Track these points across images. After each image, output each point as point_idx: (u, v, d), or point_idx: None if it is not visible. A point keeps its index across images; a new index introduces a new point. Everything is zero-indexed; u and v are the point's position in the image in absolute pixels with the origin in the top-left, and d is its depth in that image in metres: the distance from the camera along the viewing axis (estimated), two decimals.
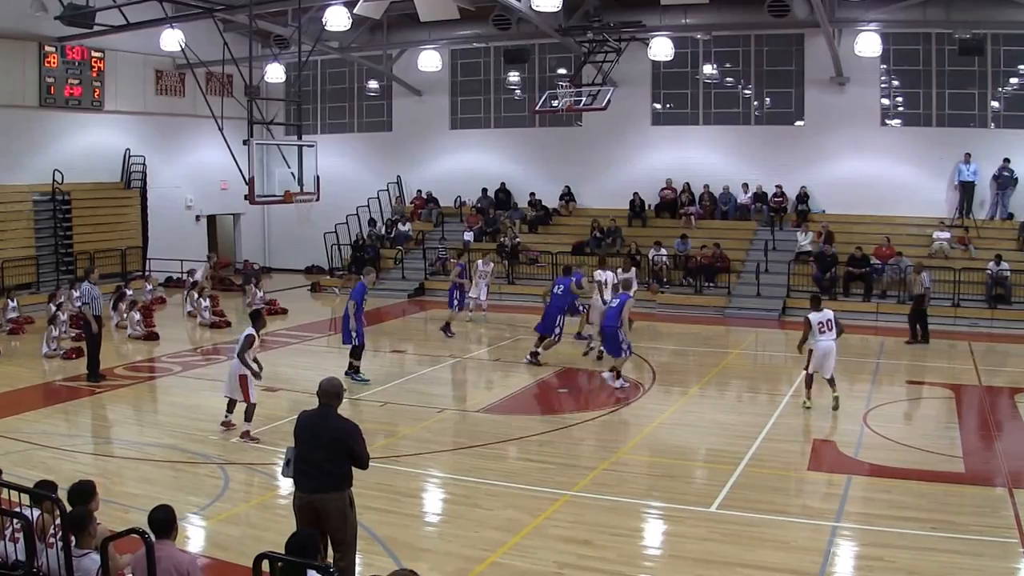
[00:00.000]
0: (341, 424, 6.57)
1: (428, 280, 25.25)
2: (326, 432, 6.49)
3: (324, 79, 30.33)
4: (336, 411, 6.64)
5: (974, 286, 20.34)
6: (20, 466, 9.14)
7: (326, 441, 6.45)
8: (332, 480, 6.41)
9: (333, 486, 6.41)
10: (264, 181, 16.44)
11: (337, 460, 6.43)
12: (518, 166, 27.61)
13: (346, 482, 6.48)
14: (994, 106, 22.55)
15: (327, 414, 6.60)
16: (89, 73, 24.61)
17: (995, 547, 7.87)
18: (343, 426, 6.56)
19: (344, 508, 6.41)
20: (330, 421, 6.56)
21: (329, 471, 6.41)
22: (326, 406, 6.63)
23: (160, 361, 16.45)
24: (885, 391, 14.09)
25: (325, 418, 6.58)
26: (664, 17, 23.03)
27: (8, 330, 18.68)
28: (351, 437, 6.48)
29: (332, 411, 6.62)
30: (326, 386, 6.68)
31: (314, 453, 6.44)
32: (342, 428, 6.54)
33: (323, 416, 6.59)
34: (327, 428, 6.51)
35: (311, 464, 6.43)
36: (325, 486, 6.39)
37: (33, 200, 23.50)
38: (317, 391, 6.68)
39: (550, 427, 11.80)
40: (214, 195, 28.11)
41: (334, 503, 6.37)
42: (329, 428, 6.52)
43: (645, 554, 8.10)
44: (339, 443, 6.44)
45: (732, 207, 24.84)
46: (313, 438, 6.51)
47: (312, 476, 6.42)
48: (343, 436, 6.47)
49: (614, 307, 13.92)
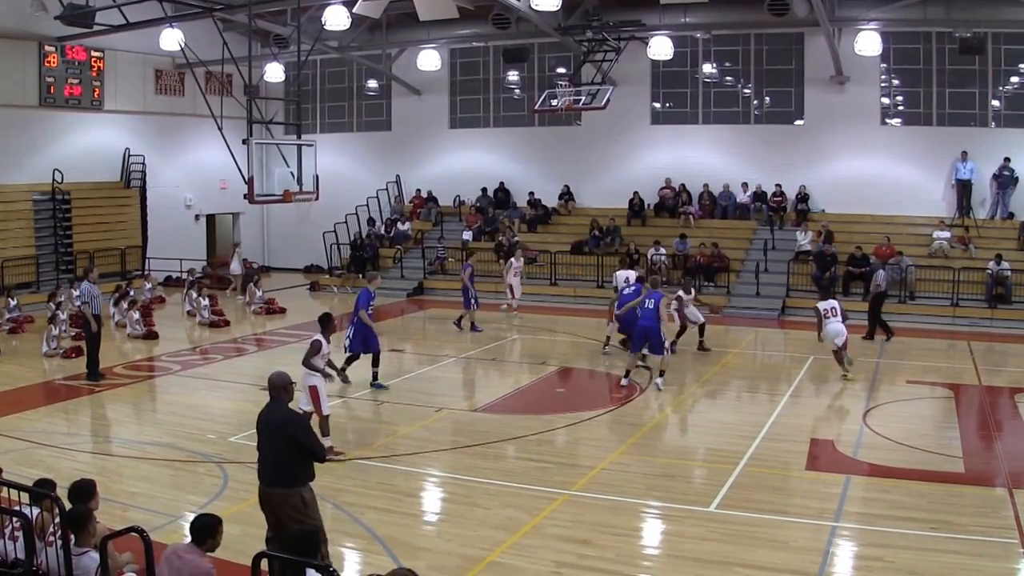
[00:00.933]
0: (290, 417, 6.68)
1: (427, 279, 25.25)
2: (277, 424, 6.63)
3: (323, 78, 30.33)
4: (285, 404, 6.75)
5: (974, 286, 20.33)
6: (20, 464, 9.13)
7: (276, 434, 6.59)
8: (281, 475, 6.53)
9: (282, 481, 6.51)
10: (263, 180, 16.42)
11: (286, 452, 6.53)
12: (517, 165, 27.61)
13: (299, 479, 6.53)
14: (994, 105, 22.55)
15: (275, 407, 6.73)
16: (89, 73, 24.61)
17: (995, 547, 7.86)
18: (289, 418, 6.67)
19: (297, 504, 6.44)
20: (277, 414, 6.68)
21: (280, 464, 6.54)
22: (275, 400, 6.75)
23: (159, 360, 16.45)
24: (885, 391, 14.07)
25: (274, 411, 6.71)
26: (663, 16, 23.02)
27: (8, 329, 18.68)
28: (297, 429, 6.58)
29: (281, 404, 6.73)
30: (273, 379, 6.81)
31: (267, 446, 6.63)
32: (287, 420, 6.64)
33: (272, 409, 6.73)
34: (275, 421, 6.65)
35: (266, 456, 6.63)
36: (276, 480, 6.53)
37: (33, 199, 23.52)
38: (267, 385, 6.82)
39: (549, 426, 11.79)
40: (213, 194, 28.11)
41: (284, 499, 6.46)
42: (276, 421, 6.64)
43: (644, 554, 8.10)
44: (286, 435, 6.54)
45: (732, 206, 24.83)
46: (265, 431, 6.69)
47: (267, 469, 6.61)
48: (289, 428, 6.58)
49: (650, 307, 13.76)
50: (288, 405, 6.77)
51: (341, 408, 12.71)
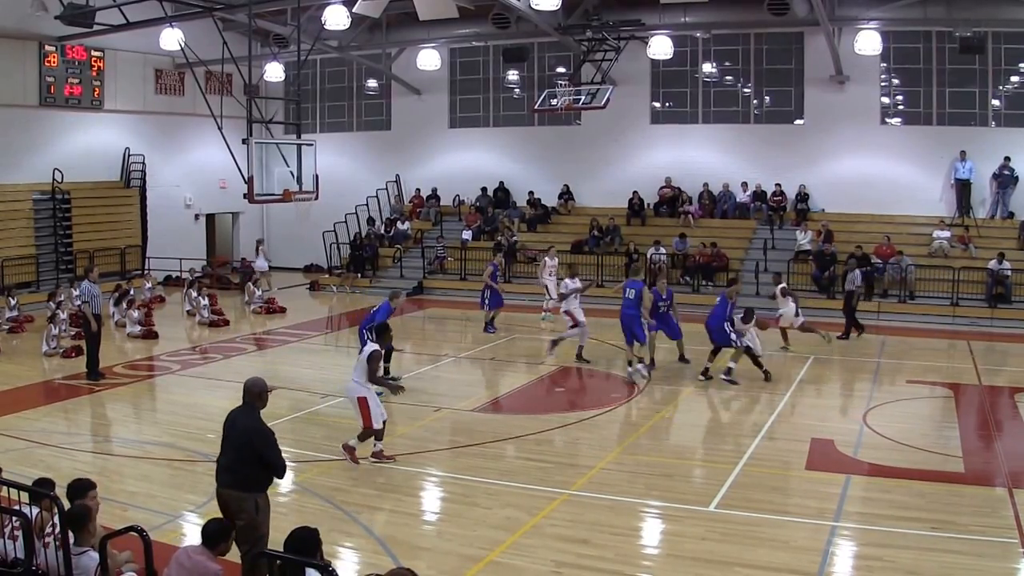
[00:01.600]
0: (254, 426, 6.57)
1: (427, 279, 25.25)
2: (239, 431, 6.57)
3: (323, 78, 30.33)
4: (256, 412, 6.65)
5: (974, 285, 20.32)
6: (20, 464, 9.12)
7: (237, 440, 6.54)
8: (237, 478, 6.47)
9: (237, 485, 6.46)
10: (263, 180, 16.42)
11: (244, 460, 6.46)
12: (517, 165, 27.61)
13: (254, 485, 6.47)
14: (995, 104, 22.55)
15: (245, 414, 6.65)
16: (89, 72, 24.61)
17: (995, 547, 7.86)
18: (255, 428, 6.55)
19: (249, 509, 6.39)
20: (244, 421, 6.60)
21: (238, 469, 6.48)
22: (248, 405, 6.68)
23: (159, 360, 16.45)
24: (885, 390, 14.07)
25: (242, 417, 6.64)
26: (663, 16, 23.01)
27: (8, 329, 18.68)
28: (260, 441, 6.48)
29: (251, 411, 6.65)
30: (248, 385, 6.74)
31: (229, 449, 6.59)
32: (253, 430, 6.53)
33: (241, 415, 6.66)
34: (241, 428, 6.58)
35: (225, 458, 6.60)
36: (232, 483, 6.49)
37: (33, 199, 23.53)
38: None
39: (548, 426, 11.78)
40: (213, 194, 28.12)
41: (237, 502, 6.41)
42: (242, 428, 6.57)
43: (643, 553, 8.09)
44: (248, 445, 6.48)
45: (731, 206, 24.83)
46: (229, 434, 6.64)
47: (225, 470, 6.57)
48: (252, 438, 6.49)
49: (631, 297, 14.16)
50: (259, 413, 6.67)
51: (338, 408, 12.69)
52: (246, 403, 6.67)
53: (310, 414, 12.38)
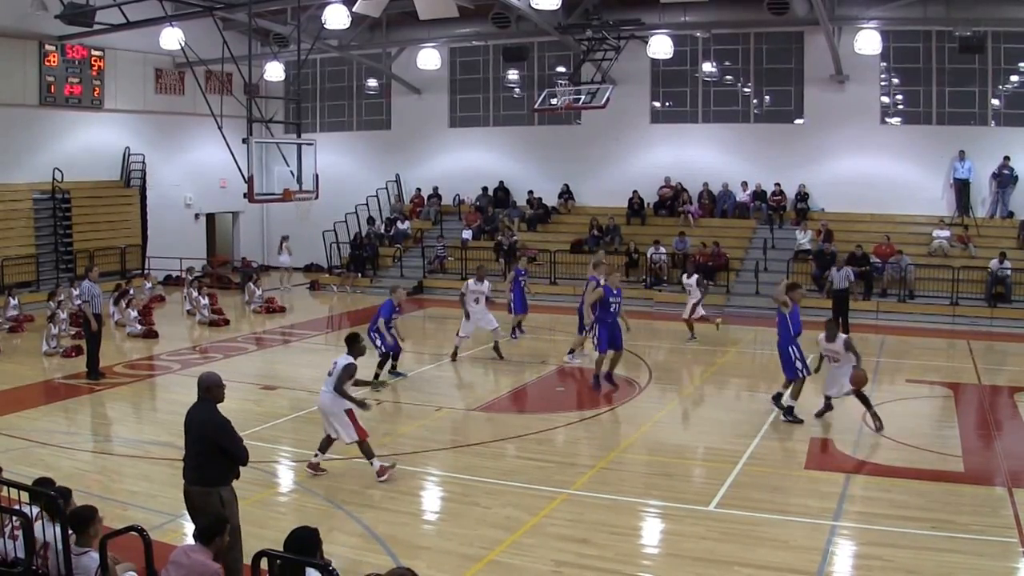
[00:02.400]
0: (209, 419, 6.66)
1: (427, 278, 25.26)
2: (197, 425, 6.67)
3: (323, 77, 30.33)
4: (212, 405, 6.73)
5: (974, 285, 20.33)
6: (19, 463, 9.14)
7: (196, 434, 6.65)
8: (200, 474, 6.58)
9: (201, 480, 6.57)
10: (263, 179, 16.46)
11: (205, 454, 6.57)
12: (517, 164, 27.62)
13: (218, 479, 6.56)
14: (994, 104, 22.55)
15: (201, 408, 6.74)
16: (89, 72, 24.63)
17: (995, 547, 7.87)
18: (210, 420, 6.64)
19: (215, 503, 6.45)
20: (200, 414, 6.70)
21: (200, 464, 6.59)
22: (203, 400, 6.76)
23: (159, 359, 16.46)
24: (885, 390, 14.07)
25: (198, 412, 6.73)
26: (663, 15, 23.01)
27: (8, 328, 18.69)
28: (217, 432, 6.58)
29: (207, 405, 6.73)
30: (202, 379, 6.83)
31: (190, 445, 6.68)
32: (208, 423, 6.63)
33: (198, 410, 6.75)
34: (197, 423, 6.68)
35: (188, 455, 6.70)
36: (196, 479, 6.60)
37: (33, 198, 23.54)
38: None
39: (548, 425, 11.80)
40: (213, 193, 28.12)
41: (203, 497, 6.49)
42: (198, 422, 6.67)
43: (643, 553, 8.10)
44: (205, 438, 6.58)
45: (731, 205, 24.84)
46: (188, 430, 6.73)
47: (189, 467, 6.68)
48: (208, 430, 6.59)
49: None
50: (215, 406, 6.72)
51: None
52: (201, 398, 6.76)
53: (310, 414, 12.37)
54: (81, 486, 9.23)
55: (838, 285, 18.49)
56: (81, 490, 9.03)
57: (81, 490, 9.03)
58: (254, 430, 11.10)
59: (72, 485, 6.70)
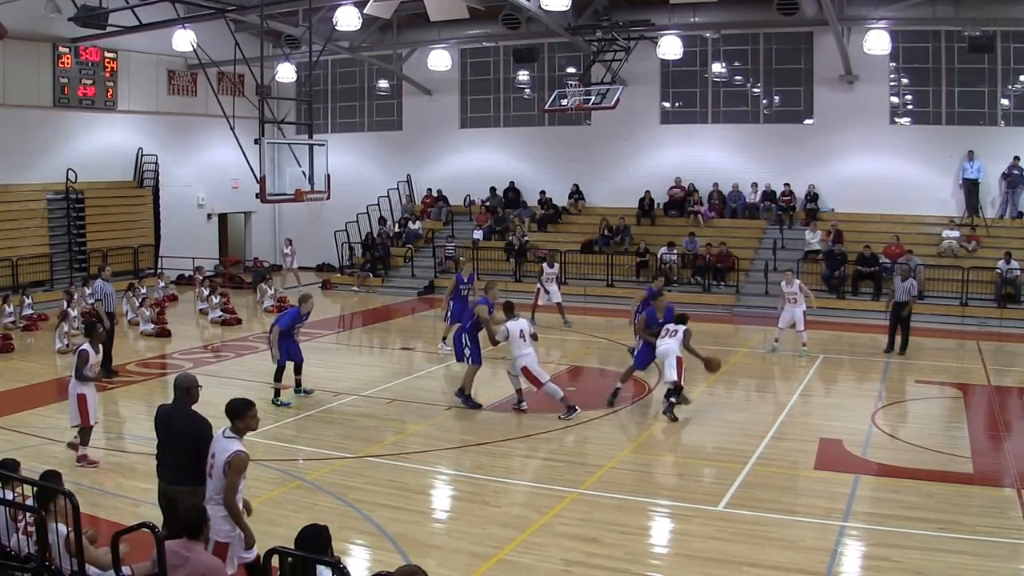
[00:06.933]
0: (188, 420, 6.65)
1: (438, 278, 25.32)
2: (174, 426, 6.66)
3: (335, 79, 30.44)
4: (188, 406, 6.74)
5: (983, 285, 20.26)
6: (33, 460, 9.22)
7: (173, 435, 6.63)
8: (183, 475, 6.52)
9: (183, 480, 6.51)
10: (275, 180, 16.51)
11: (185, 455, 6.52)
12: (527, 165, 27.66)
13: (202, 478, 6.48)
14: (1004, 104, 22.46)
15: (178, 409, 6.74)
16: (102, 73, 24.79)
17: (1004, 548, 7.88)
18: (190, 422, 6.63)
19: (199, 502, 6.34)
20: (179, 417, 6.69)
21: (181, 465, 6.53)
22: (179, 400, 6.77)
23: (171, 358, 16.58)
24: (894, 390, 14.08)
25: (175, 413, 6.73)
26: (673, 16, 23.00)
27: (23, 327, 18.86)
28: (195, 434, 6.53)
29: (184, 406, 6.74)
30: (179, 381, 6.85)
31: (169, 447, 6.66)
32: (188, 424, 6.62)
33: (174, 411, 6.75)
34: (178, 423, 6.66)
35: (167, 456, 6.67)
36: (178, 479, 6.54)
37: (47, 199, 23.72)
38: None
39: (558, 425, 11.84)
40: (226, 193, 28.28)
41: (186, 496, 6.42)
42: (176, 423, 6.66)
43: (652, 552, 8.14)
44: (184, 438, 6.56)
45: (741, 205, 24.82)
46: (164, 432, 6.73)
47: (166, 467, 6.66)
48: (188, 433, 6.57)
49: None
50: (191, 407, 6.74)
51: (351, 406, 12.82)
52: (177, 399, 6.77)
53: (322, 412, 12.48)
54: (94, 483, 9.37)
55: (899, 297, 16.59)
56: (94, 487, 9.17)
57: (94, 487, 9.17)
58: (265, 429, 11.17)
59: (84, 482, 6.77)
